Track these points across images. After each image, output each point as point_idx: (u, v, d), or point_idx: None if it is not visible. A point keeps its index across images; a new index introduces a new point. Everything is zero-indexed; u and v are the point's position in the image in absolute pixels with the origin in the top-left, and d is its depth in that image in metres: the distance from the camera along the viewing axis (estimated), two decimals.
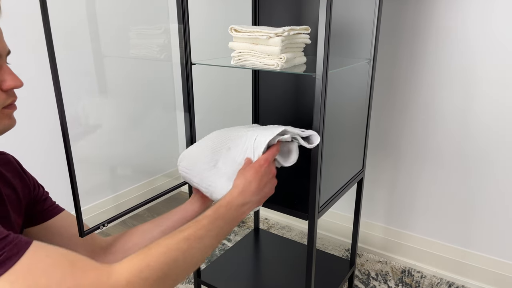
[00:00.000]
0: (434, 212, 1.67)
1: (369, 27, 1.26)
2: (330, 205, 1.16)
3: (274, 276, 1.47)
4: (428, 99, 1.56)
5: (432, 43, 1.49)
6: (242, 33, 1.06)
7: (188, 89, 1.17)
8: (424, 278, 1.69)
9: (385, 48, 1.59)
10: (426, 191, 1.66)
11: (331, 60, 0.97)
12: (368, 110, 1.36)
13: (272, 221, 2.14)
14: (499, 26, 1.36)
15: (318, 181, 1.04)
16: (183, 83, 1.16)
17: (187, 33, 1.12)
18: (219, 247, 1.91)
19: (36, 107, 1.75)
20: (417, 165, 1.66)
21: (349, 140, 1.31)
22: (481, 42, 1.40)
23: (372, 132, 1.72)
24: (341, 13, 1.26)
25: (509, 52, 1.36)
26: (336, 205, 1.92)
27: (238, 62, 1.11)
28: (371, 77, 1.31)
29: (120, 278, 0.57)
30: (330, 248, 1.91)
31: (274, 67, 1.04)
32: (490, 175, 1.51)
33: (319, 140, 0.95)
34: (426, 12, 1.47)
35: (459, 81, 1.48)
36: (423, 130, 1.60)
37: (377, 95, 1.66)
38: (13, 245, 0.52)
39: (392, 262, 1.80)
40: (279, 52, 1.02)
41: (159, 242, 0.65)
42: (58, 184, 1.93)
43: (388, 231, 1.81)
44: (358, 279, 1.69)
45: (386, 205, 1.79)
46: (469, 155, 1.53)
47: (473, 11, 1.39)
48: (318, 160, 1.01)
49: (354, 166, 1.37)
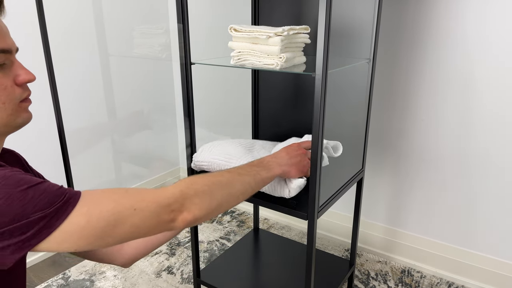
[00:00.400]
0: (434, 212, 1.67)
1: (369, 27, 1.26)
2: (330, 205, 1.16)
3: (273, 276, 1.47)
4: (428, 99, 1.56)
5: (432, 42, 1.49)
6: (241, 33, 1.06)
7: (187, 88, 1.17)
8: (424, 278, 1.69)
9: (385, 48, 1.59)
10: (426, 191, 1.66)
11: (331, 59, 0.97)
12: (368, 110, 1.35)
13: (271, 221, 2.14)
14: (499, 26, 1.36)
15: (317, 180, 1.04)
16: (182, 82, 1.17)
17: (186, 33, 1.12)
18: (219, 246, 1.91)
19: (39, 106, 1.75)
20: (417, 165, 1.66)
21: (349, 140, 1.31)
22: (481, 41, 1.40)
23: (372, 132, 1.72)
24: (341, 12, 1.26)
25: (509, 52, 1.36)
26: (336, 205, 1.92)
27: (238, 62, 1.11)
28: (371, 76, 1.31)
29: (175, 190, 0.70)
30: (330, 248, 1.91)
31: (274, 67, 1.04)
32: (489, 174, 1.51)
33: (341, 149, 1.16)
34: (426, 12, 1.47)
35: (459, 81, 1.48)
36: (423, 130, 1.60)
37: (377, 95, 1.66)
38: (70, 190, 0.60)
39: (392, 262, 1.80)
40: (279, 51, 1.02)
41: (204, 174, 0.80)
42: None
43: (388, 231, 1.81)
44: (357, 279, 1.69)
45: (386, 205, 1.79)
46: (469, 155, 1.53)
47: (473, 11, 1.39)
48: (317, 160, 1.01)
49: (354, 165, 1.37)
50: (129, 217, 0.62)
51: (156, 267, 1.77)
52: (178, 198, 0.69)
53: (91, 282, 1.67)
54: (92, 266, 1.77)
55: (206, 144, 1.28)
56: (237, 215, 2.20)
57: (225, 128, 2.16)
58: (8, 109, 0.64)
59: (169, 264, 1.79)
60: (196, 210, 0.70)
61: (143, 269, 1.75)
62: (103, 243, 0.61)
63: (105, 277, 1.70)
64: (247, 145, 1.28)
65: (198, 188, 0.73)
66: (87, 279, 1.69)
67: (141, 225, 0.64)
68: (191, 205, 0.70)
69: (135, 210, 0.63)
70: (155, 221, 0.66)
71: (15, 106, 0.65)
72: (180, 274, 1.73)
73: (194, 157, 1.25)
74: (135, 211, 0.63)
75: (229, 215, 2.21)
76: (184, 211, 0.69)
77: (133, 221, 0.63)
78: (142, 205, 0.64)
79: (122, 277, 1.70)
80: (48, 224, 0.56)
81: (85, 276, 1.71)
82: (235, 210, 2.25)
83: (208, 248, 1.91)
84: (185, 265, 1.78)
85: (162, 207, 0.66)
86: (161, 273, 1.73)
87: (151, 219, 0.65)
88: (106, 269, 1.75)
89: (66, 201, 0.58)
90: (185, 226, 0.70)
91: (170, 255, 1.86)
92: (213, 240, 1.97)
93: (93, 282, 1.67)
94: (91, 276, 1.70)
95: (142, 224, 0.64)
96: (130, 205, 0.63)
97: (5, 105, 0.63)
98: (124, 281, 1.68)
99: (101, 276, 1.71)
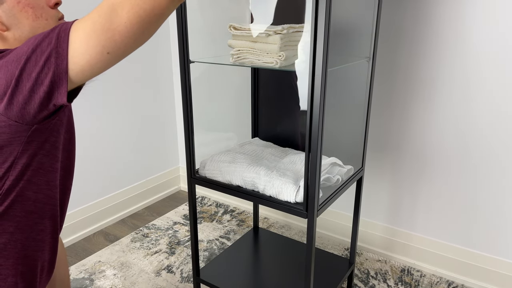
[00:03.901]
0: (434, 211, 1.67)
1: (369, 25, 1.26)
2: (329, 204, 1.16)
3: (273, 274, 1.47)
4: (428, 98, 1.55)
5: (432, 42, 1.49)
6: (241, 31, 1.06)
7: (186, 86, 1.17)
8: (424, 277, 1.69)
9: (384, 47, 1.59)
10: (426, 190, 1.66)
11: (331, 58, 0.96)
12: (368, 108, 1.35)
13: (271, 220, 2.14)
14: (499, 24, 1.36)
15: (317, 179, 1.04)
16: (181, 80, 1.16)
17: (185, 31, 1.12)
18: (219, 245, 1.91)
19: None
20: (416, 164, 1.66)
21: (349, 138, 1.31)
22: (481, 41, 1.40)
23: (372, 131, 1.72)
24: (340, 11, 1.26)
25: (510, 50, 1.36)
26: (336, 204, 1.92)
27: (237, 60, 1.11)
28: (371, 75, 1.31)
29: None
30: (330, 247, 1.91)
31: (273, 65, 1.04)
32: (489, 174, 1.51)
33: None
34: (426, 11, 1.47)
35: (459, 80, 1.48)
36: (423, 128, 1.60)
37: (377, 94, 1.66)
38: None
39: (392, 261, 1.80)
40: (278, 50, 1.02)
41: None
42: None
43: (387, 230, 1.81)
44: (357, 278, 1.69)
45: (386, 204, 1.79)
46: (468, 154, 1.53)
47: (473, 11, 1.39)
48: (317, 158, 1.01)
49: (354, 164, 1.36)
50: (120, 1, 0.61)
51: (156, 266, 1.77)
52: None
53: (90, 280, 1.67)
54: (92, 265, 1.77)
55: (215, 154, 1.33)
56: (236, 214, 2.20)
57: (225, 127, 2.16)
58: (52, 25, 0.76)
59: (168, 263, 1.79)
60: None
61: (142, 268, 1.75)
62: (117, 38, 0.62)
63: (105, 276, 1.70)
64: (256, 155, 1.36)
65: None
66: (87, 277, 1.69)
67: (136, 1, 0.61)
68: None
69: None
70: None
71: (57, 23, 0.77)
72: (179, 273, 1.73)
73: (205, 166, 1.32)
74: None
75: (229, 214, 2.21)
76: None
77: (126, 1, 0.61)
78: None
79: (122, 276, 1.70)
80: (56, 50, 0.63)
81: (84, 275, 1.71)
82: (235, 209, 2.25)
83: (207, 247, 1.91)
84: (185, 264, 1.78)
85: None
86: (161, 272, 1.73)
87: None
88: (106, 268, 1.75)
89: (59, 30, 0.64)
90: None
91: (170, 254, 1.86)
92: (213, 239, 1.97)
93: (92, 281, 1.67)
94: (90, 275, 1.70)
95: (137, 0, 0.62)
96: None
97: (49, 21, 0.76)
98: (124, 280, 1.67)
99: (100, 275, 1.71)
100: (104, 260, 1.81)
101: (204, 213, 2.22)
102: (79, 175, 1.93)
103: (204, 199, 2.38)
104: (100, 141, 2.01)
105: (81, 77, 0.65)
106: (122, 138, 2.12)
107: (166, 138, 2.40)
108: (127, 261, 1.80)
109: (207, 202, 2.35)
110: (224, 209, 2.26)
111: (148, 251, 1.88)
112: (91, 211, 2.00)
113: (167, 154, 2.43)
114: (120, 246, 1.91)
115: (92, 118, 1.94)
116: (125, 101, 2.09)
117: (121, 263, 1.79)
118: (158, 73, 2.25)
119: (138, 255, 1.84)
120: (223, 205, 2.31)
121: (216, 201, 2.36)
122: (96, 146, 1.99)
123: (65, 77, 0.63)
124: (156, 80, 2.24)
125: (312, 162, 1.02)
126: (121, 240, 1.96)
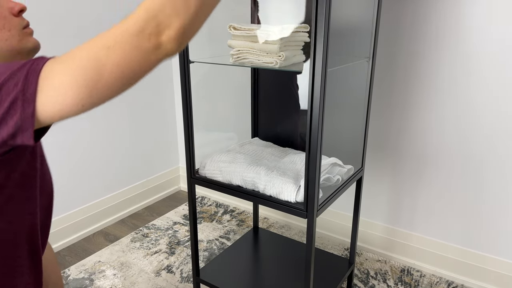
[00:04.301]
0: (434, 211, 1.67)
1: (369, 25, 1.26)
2: (329, 204, 1.16)
3: (273, 274, 1.47)
4: (428, 98, 1.55)
5: (432, 42, 1.49)
6: (241, 31, 1.06)
7: (186, 86, 1.17)
8: (424, 277, 1.69)
9: (384, 47, 1.59)
10: (426, 190, 1.66)
11: (330, 58, 0.97)
12: (368, 108, 1.35)
13: (271, 220, 2.14)
14: (499, 24, 1.36)
15: (317, 179, 1.04)
16: (181, 80, 1.16)
17: None
18: (219, 245, 1.91)
19: None
20: (416, 164, 1.66)
21: (349, 138, 1.31)
22: (481, 41, 1.40)
23: (372, 131, 1.72)
24: (340, 11, 1.26)
25: (509, 49, 1.36)
26: (336, 204, 1.92)
27: (237, 60, 1.11)
28: (371, 75, 1.31)
29: (139, 12, 0.60)
30: (330, 247, 1.91)
31: (273, 65, 1.04)
32: (489, 174, 1.51)
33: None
34: (426, 11, 1.47)
35: (460, 80, 1.48)
36: (423, 128, 1.60)
37: (377, 94, 1.66)
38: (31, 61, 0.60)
39: (392, 261, 1.80)
40: (278, 50, 1.02)
41: None
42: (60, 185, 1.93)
43: (387, 230, 1.81)
44: (357, 278, 1.69)
45: (386, 204, 1.79)
46: (468, 154, 1.53)
47: (473, 10, 1.39)
48: (317, 158, 1.01)
49: (354, 164, 1.36)
50: (106, 57, 0.58)
51: (156, 266, 1.77)
52: (147, 18, 0.59)
53: (90, 280, 1.67)
54: (92, 265, 1.77)
55: (216, 154, 1.33)
56: (236, 214, 2.20)
57: (225, 127, 2.16)
58: (16, 36, 0.71)
59: (168, 263, 1.79)
60: (175, 21, 0.59)
61: (142, 268, 1.75)
62: (96, 93, 0.59)
63: (105, 276, 1.70)
64: (256, 155, 1.35)
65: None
66: (87, 277, 1.69)
67: (124, 61, 0.59)
68: (166, 19, 0.59)
69: (109, 48, 0.58)
70: (137, 53, 0.59)
71: (21, 32, 0.72)
72: (179, 273, 1.73)
73: (205, 166, 1.32)
74: (109, 49, 0.58)
75: (228, 214, 2.21)
76: (163, 29, 0.59)
77: (113, 60, 0.58)
78: (113, 40, 0.58)
79: (122, 276, 1.70)
80: (23, 96, 0.57)
81: (84, 274, 1.71)
82: (235, 209, 2.25)
83: (207, 247, 1.91)
84: (185, 264, 1.78)
85: (136, 35, 0.59)
86: (161, 272, 1.73)
87: (132, 51, 0.59)
88: (106, 268, 1.75)
89: (29, 68, 0.58)
90: (177, 44, 0.61)
91: (170, 254, 1.86)
92: (213, 239, 1.97)
93: (92, 281, 1.67)
94: (90, 275, 1.70)
95: (125, 60, 0.59)
96: (102, 45, 0.58)
97: (11, 32, 0.71)
98: (124, 280, 1.68)
99: (100, 275, 1.71)
100: (104, 260, 1.81)
101: (204, 213, 2.22)
102: (79, 175, 1.93)
103: (204, 199, 2.38)
104: (100, 141, 2.01)
105: (50, 122, 0.61)
106: (122, 138, 2.12)
107: (166, 138, 2.40)
108: (127, 261, 1.80)
109: (207, 202, 2.35)
110: (224, 209, 2.26)
111: (148, 251, 1.88)
112: (91, 211, 2.00)
113: (167, 154, 2.43)
114: (120, 246, 1.92)
115: (92, 118, 1.94)
116: (125, 101, 2.09)
117: (121, 263, 1.79)
118: (158, 73, 2.25)
119: (138, 255, 1.84)
120: (223, 205, 2.31)
121: (216, 201, 2.36)
122: (96, 146, 1.99)
123: (32, 121, 0.59)
124: (156, 80, 2.24)
125: (312, 162, 1.02)
126: (121, 240, 1.96)
